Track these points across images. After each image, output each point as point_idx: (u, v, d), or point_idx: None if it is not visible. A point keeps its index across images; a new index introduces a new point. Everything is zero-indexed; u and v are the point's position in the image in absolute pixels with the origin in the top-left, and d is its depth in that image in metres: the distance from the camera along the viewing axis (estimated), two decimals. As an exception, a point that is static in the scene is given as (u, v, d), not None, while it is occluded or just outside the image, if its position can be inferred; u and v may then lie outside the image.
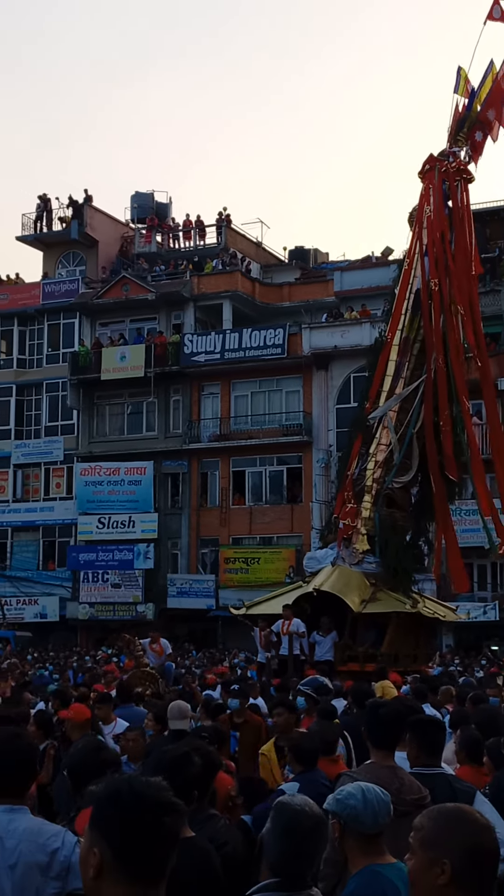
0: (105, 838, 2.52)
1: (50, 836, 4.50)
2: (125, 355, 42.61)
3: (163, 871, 2.55)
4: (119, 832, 2.50)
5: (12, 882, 4.31)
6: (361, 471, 19.43)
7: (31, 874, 4.37)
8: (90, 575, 42.46)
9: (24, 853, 4.38)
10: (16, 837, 4.40)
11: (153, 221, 48.07)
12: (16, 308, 46.61)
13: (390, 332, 20.16)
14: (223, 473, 41.32)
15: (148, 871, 2.52)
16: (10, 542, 45.65)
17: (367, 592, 17.84)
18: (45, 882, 4.39)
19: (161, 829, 2.51)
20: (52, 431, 45.46)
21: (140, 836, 2.50)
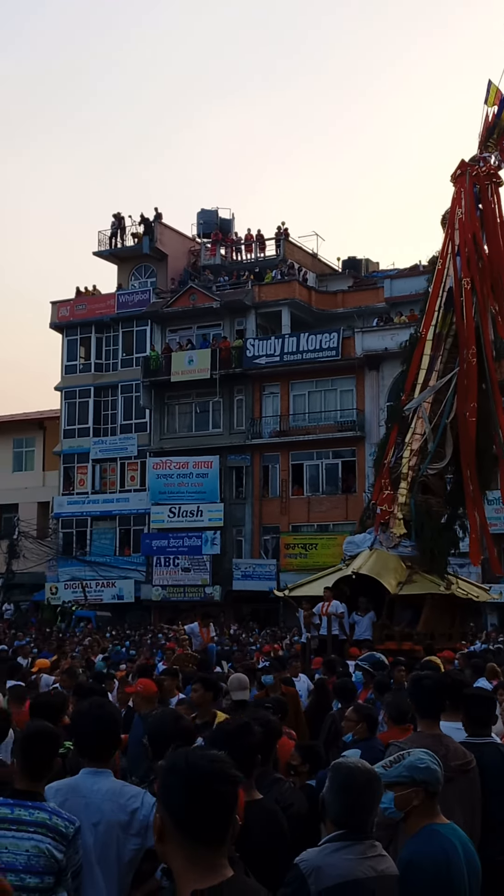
0: (165, 806, 2.60)
1: (130, 796, 4.59)
2: (193, 359, 43.11)
3: (220, 836, 2.58)
4: (176, 800, 2.56)
5: (95, 838, 4.39)
6: (398, 459, 19.17)
7: (113, 831, 4.46)
8: (162, 560, 42.95)
9: (106, 812, 4.47)
10: (99, 798, 4.51)
11: (217, 236, 48.59)
12: (93, 317, 47.21)
13: (424, 328, 19.81)
14: (283, 466, 41.69)
15: (205, 836, 2.55)
16: (89, 531, 46.15)
17: (403, 575, 17.54)
18: (126, 839, 4.47)
19: (215, 797, 2.54)
20: (126, 429, 45.88)
21: (195, 803, 2.53)
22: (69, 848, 4.21)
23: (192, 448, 43.51)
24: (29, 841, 4.13)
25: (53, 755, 4.56)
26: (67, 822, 4.26)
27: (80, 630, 34.59)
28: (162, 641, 28.60)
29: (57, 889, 4.18)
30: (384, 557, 17.95)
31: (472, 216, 19.44)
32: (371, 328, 40.90)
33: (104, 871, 4.43)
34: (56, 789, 4.59)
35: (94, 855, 4.40)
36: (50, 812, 4.27)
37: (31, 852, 4.11)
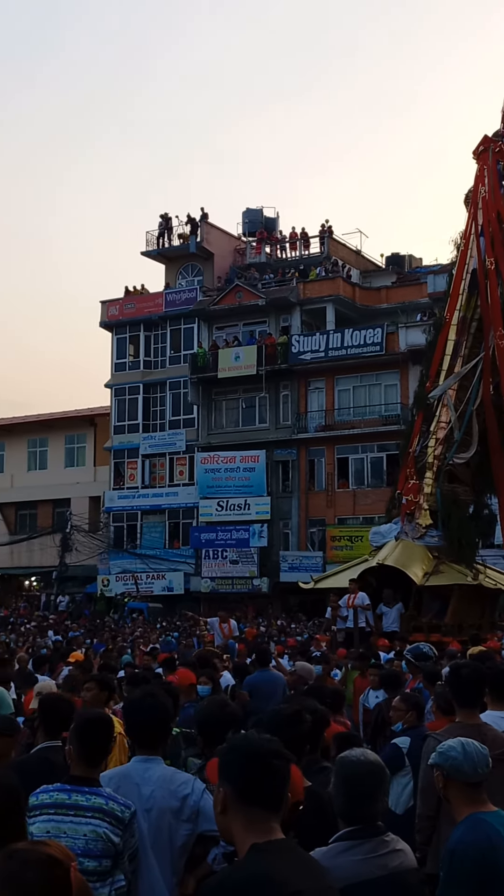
0: (228, 780, 2.90)
1: (181, 783, 4.64)
2: (239, 355, 43.19)
3: (275, 803, 2.88)
4: (237, 773, 2.88)
5: (148, 824, 4.45)
6: (423, 448, 18.60)
7: (165, 817, 4.52)
8: (211, 552, 43.07)
9: (158, 799, 4.53)
10: (151, 784, 4.57)
11: (262, 234, 48.61)
12: (141, 316, 47.39)
13: (448, 313, 19.11)
14: (328, 460, 41.61)
15: (260, 802, 2.84)
16: (139, 524, 46.39)
17: (429, 565, 17.16)
18: (178, 824, 4.52)
19: (270, 770, 2.86)
20: (175, 425, 45.98)
21: (253, 775, 2.85)
22: (125, 832, 4.25)
23: (239, 443, 43.60)
24: (87, 825, 4.18)
25: (108, 741, 4.62)
26: (123, 807, 4.30)
27: (130, 621, 34.95)
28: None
29: (114, 872, 4.22)
30: (410, 548, 17.58)
31: (496, 194, 18.71)
32: (415, 323, 40.42)
33: (158, 856, 4.48)
34: (109, 777, 4.64)
35: (148, 840, 4.45)
36: (106, 797, 4.31)
37: (88, 836, 4.16)
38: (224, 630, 19.53)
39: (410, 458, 18.69)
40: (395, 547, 17.67)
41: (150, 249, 49.17)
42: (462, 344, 18.69)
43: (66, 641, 24.01)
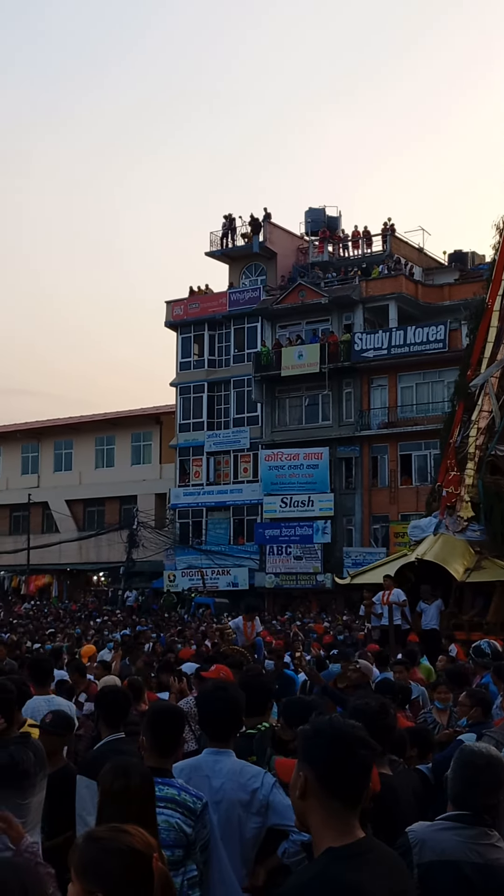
0: (310, 764, 2.74)
1: (251, 776, 4.59)
2: (302, 354, 43.03)
3: (356, 795, 2.73)
4: (320, 758, 2.72)
5: (218, 816, 4.41)
6: (464, 438, 17.80)
7: (235, 810, 4.47)
8: (275, 548, 43.02)
9: (227, 791, 4.49)
10: (221, 777, 4.54)
11: (325, 234, 48.49)
12: (206, 315, 47.55)
13: (490, 299, 18.28)
14: (391, 457, 41.31)
15: (343, 792, 2.70)
16: (205, 521, 46.60)
17: (471, 561, 16.35)
18: (248, 817, 4.48)
19: (354, 759, 2.71)
20: (239, 423, 46.14)
21: (337, 762, 2.69)
22: (198, 822, 4.27)
23: (303, 440, 43.44)
24: (160, 815, 4.12)
25: (180, 733, 4.65)
26: (195, 798, 4.31)
27: (199, 615, 35.12)
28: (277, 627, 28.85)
29: (186, 862, 4.23)
30: (451, 543, 16.79)
31: None
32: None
33: (228, 848, 4.47)
34: (181, 768, 4.64)
35: (217, 832, 4.44)
36: (178, 788, 4.33)
37: (161, 826, 4.12)
38: (247, 631, 18.68)
39: (451, 448, 17.91)
40: (435, 541, 16.94)
41: (214, 250, 49.33)
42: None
43: (135, 636, 24.16)
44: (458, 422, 18.38)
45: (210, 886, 4.37)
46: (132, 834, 2.52)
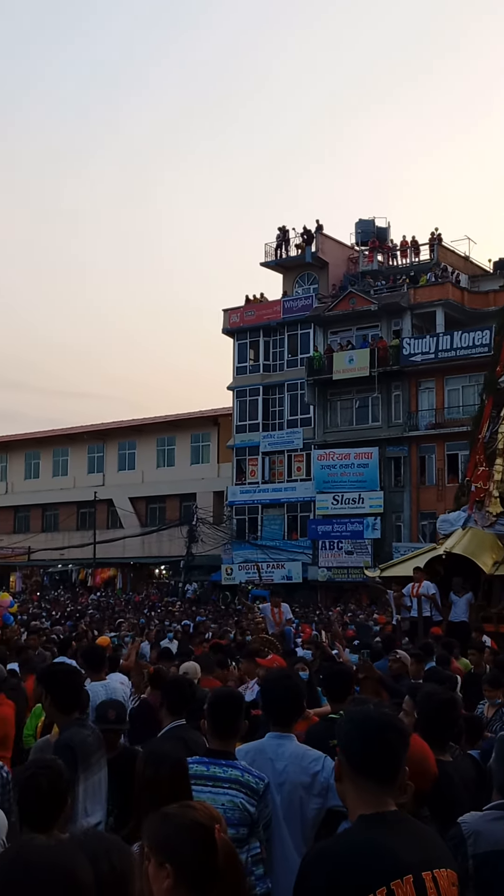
0: (343, 750, 2.80)
1: (312, 759, 4.60)
2: (353, 358, 42.95)
3: (387, 775, 2.73)
4: (353, 745, 2.76)
5: (281, 797, 4.44)
6: (493, 434, 17.42)
7: (297, 792, 4.48)
8: (327, 543, 43.00)
9: (290, 774, 4.50)
10: (284, 760, 4.55)
11: (374, 243, 48.28)
12: (261, 322, 47.52)
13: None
14: (439, 456, 41.02)
15: (373, 774, 2.71)
16: (260, 517, 46.55)
17: (499, 554, 15.98)
18: (309, 798, 4.49)
19: (382, 744, 2.71)
20: (292, 424, 46.05)
21: (364, 748, 2.72)
22: (260, 802, 4.28)
23: (353, 440, 43.35)
24: (224, 795, 4.21)
25: (240, 717, 4.62)
26: (258, 779, 4.32)
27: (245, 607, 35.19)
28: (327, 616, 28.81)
29: (250, 840, 4.24)
30: (480, 536, 16.40)
31: None
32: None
33: (290, 828, 4.48)
34: (245, 751, 4.65)
35: (280, 812, 4.46)
36: (242, 769, 4.34)
37: (226, 806, 4.17)
38: (275, 616, 18.19)
39: (480, 444, 17.52)
40: (464, 535, 16.55)
41: (268, 260, 49.34)
42: None
43: (194, 626, 24.28)
44: (486, 418, 18.04)
45: (273, 863, 4.38)
46: (198, 809, 2.61)
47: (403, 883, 2.53)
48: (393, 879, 2.52)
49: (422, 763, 3.18)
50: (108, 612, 34.51)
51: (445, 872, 2.64)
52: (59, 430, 60.63)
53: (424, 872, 2.58)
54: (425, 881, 2.57)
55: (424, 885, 2.56)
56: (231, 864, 2.61)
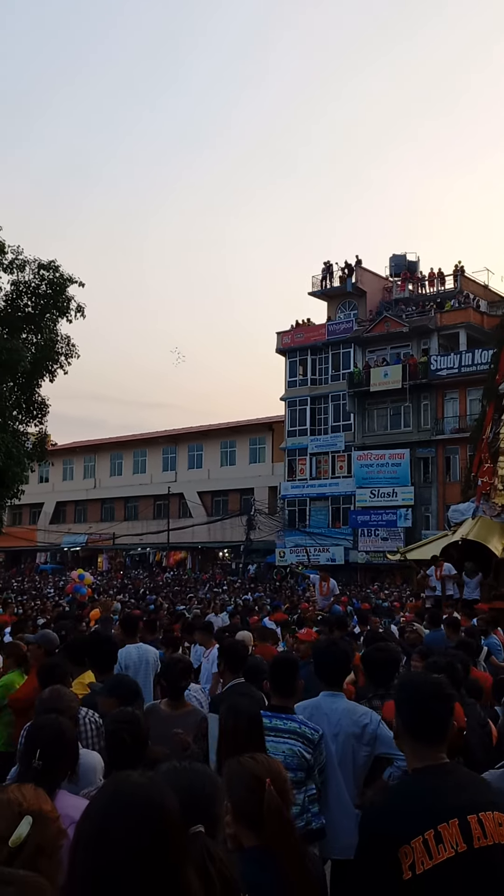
0: (399, 714, 2.81)
1: (362, 714, 4.59)
2: (387, 373, 42.77)
3: (436, 737, 2.69)
4: (404, 706, 2.77)
5: (336, 746, 4.46)
6: (495, 434, 17.33)
7: (349, 741, 4.50)
8: (365, 531, 42.92)
9: (343, 726, 4.50)
10: (337, 715, 4.55)
11: (406, 275, 48.03)
12: (308, 343, 47.38)
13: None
14: (462, 456, 39.78)
15: (423, 736, 2.68)
16: (308, 509, 46.48)
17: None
18: (359, 747, 4.50)
19: (430, 712, 2.69)
20: (335, 429, 45.84)
21: (416, 716, 2.71)
22: (315, 750, 4.28)
23: (388, 443, 43.19)
24: (284, 744, 4.22)
25: (297, 678, 4.60)
26: (313, 731, 4.33)
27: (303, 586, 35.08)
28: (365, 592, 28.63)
29: (307, 782, 4.25)
30: (488, 524, 16.21)
31: None
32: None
33: (343, 772, 4.49)
34: (304, 707, 4.65)
35: (335, 759, 4.46)
36: (299, 722, 4.35)
37: (286, 753, 4.19)
38: (322, 589, 17.99)
39: (484, 444, 17.37)
40: (475, 524, 16.34)
41: (315, 290, 49.15)
42: None
43: (253, 601, 24.30)
44: (489, 420, 17.78)
45: (328, 804, 4.38)
46: (259, 763, 2.68)
47: (449, 826, 2.47)
48: (440, 823, 2.47)
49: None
50: (180, 589, 34.70)
51: (492, 815, 2.55)
52: (138, 434, 61.03)
53: (470, 816, 2.51)
54: (471, 823, 2.50)
55: (470, 828, 2.49)
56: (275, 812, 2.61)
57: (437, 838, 2.45)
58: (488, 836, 2.50)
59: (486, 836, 2.49)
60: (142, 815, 1.60)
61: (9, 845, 1.99)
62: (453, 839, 2.46)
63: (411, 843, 2.44)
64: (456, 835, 2.47)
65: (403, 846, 2.44)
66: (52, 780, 2.93)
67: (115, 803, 1.63)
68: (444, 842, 2.45)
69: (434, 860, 2.43)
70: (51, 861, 2.03)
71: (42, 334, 24.44)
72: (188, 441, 57.18)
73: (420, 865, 2.42)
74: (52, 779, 2.94)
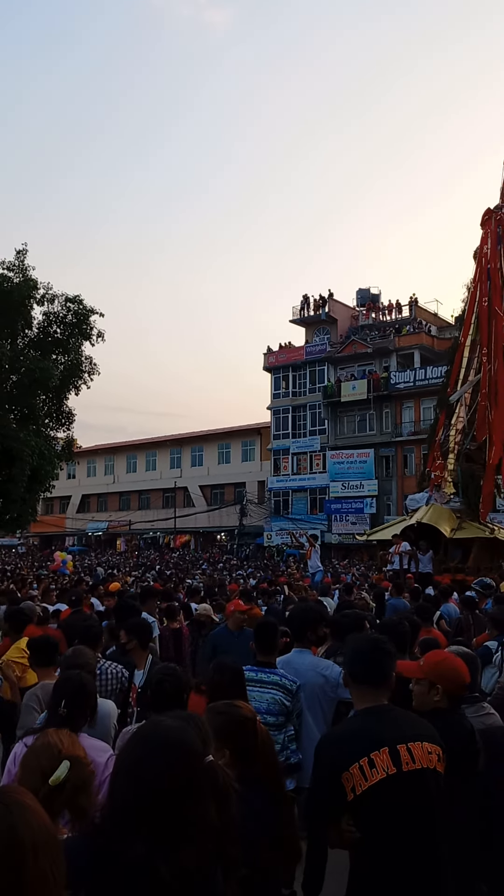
0: (346, 663, 2.85)
1: (325, 666, 4.55)
2: (355, 386, 42.78)
3: (379, 682, 2.66)
4: (349, 658, 2.79)
5: (304, 693, 4.38)
6: (446, 437, 17.37)
7: (315, 689, 4.44)
8: (337, 517, 42.83)
9: (309, 677, 4.45)
10: (304, 667, 4.51)
11: (370, 305, 47.96)
12: (290, 362, 47.24)
13: (463, 336, 17.58)
14: (417, 455, 39.99)
15: (365, 680, 2.68)
16: (291, 499, 46.35)
17: (455, 523, 15.79)
18: (323, 693, 4.45)
19: (370, 661, 2.68)
20: (313, 433, 45.73)
21: (357, 664, 2.71)
22: (293, 698, 4.26)
23: (356, 444, 43.14)
24: (268, 693, 4.20)
25: (277, 637, 4.55)
26: (292, 682, 4.30)
27: (284, 565, 35.10)
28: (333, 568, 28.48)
29: (286, 725, 4.23)
30: (439, 510, 16.22)
31: (493, 252, 16.92)
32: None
33: (313, 715, 4.46)
34: (280, 662, 4.60)
35: (305, 704, 4.42)
36: (280, 675, 4.32)
37: (269, 701, 4.18)
38: (310, 552, 17.82)
39: (436, 444, 17.56)
40: (428, 510, 16.35)
41: (295, 318, 49.05)
42: (473, 360, 17.22)
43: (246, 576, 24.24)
44: (441, 425, 17.98)
45: (302, 741, 4.35)
46: (241, 707, 2.63)
47: (381, 753, 2.49)
48: (372, 751, 2.49)
49: (451, 672, 3.06)
50: (184, 565, 34.64)
51: (421, 745, 2.55)
52: (150, 438, 60.85)
53: (399, 745, 2.52)
54: (400, 752, 2.51)
55: (399, 755, 2.50)
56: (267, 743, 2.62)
57: (371, 764, 2.47)
58: (416, 761, 2.51)
59: (414, 762, 2.51)
60: (174, 751, 1.61)
61: (49, 783, 2.03)
62: (384, 764, 2.47)
63: (350, 770, 2.47)
64: (386, 761, 2.49)
65: (344, 772, 2.47)
66: (75, 725, 2.93)
67: (152, 741, 1.64)
68: (376, 766, 2.47)
69: (369, 782, 2.45)
70: (88, 797, 2.09)
71: (69, 356, 24.36)
72: (191, 444, 56.98)
73: (359, 787, 2.45)
74: (75, 724, 2.93)
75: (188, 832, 1.57)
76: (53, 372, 22.92)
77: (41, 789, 2.00)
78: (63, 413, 25.04)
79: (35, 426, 23.76)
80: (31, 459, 22.04)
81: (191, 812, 1.58)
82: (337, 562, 35.95)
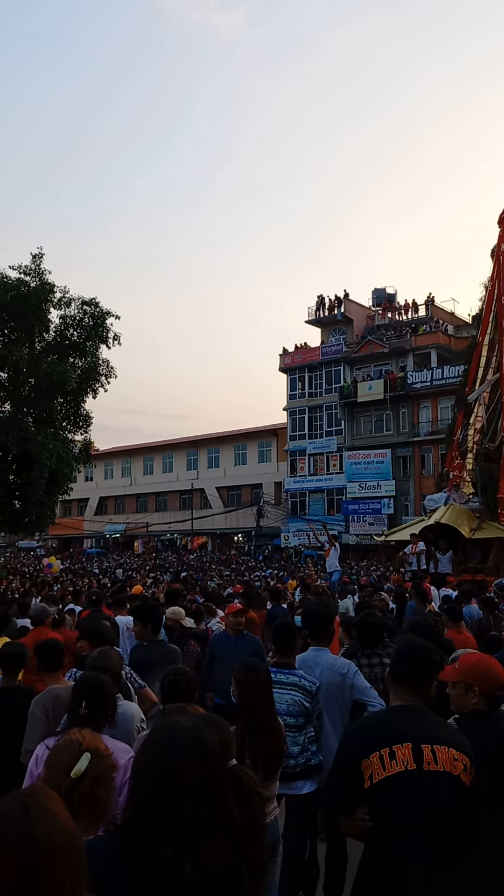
0: (391, 661, 2.81)
1: (341, 665, 4.56)
2: (371, 386, 42.59)
3: (409, 680, 2.65)
4: (394, 657, 2.78)
5: (322, 694, 4.34)
6: (464, 437, 17.25)
7: (332, 689, 4.44)
8: (355, 517, 42.75)
9: (326, 676, 4.44)
10: (321, 667, 4.51)
11: (386, 305, 47.76)
12: (306, 362, 47.23)
13: (480, 335, 17.58)
14: (434, 455, 39.89)
15: (399, 677, 2.68)
16: (307, 500, 46.33)
17: (474, 523, 15.70)
18: (340, 693, 4.45)
19: (409, 657, 2.68)
20: (329, 434, 45.62)
21: (398, 666, 2.70)
22: (313, 699, 4.25)
23: (373, 445, 42.96)
24: (288, 695, 4.19)
25: (296, 639, 4.54)
26: (311, 683, 4.28)
27: (303, 564, 35.05)
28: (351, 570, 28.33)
29: (307, 726, 4.22)
30: (458, 510, 16.19)
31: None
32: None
33: (329, 715, 4.44)
34: (297, 661, 4.57)
35: (322, 705, 4.40)
36: (300, 676, 4.31)
37: (289, 702, 4.17)
38: (329, 552, 17.70)
39: (455, 444, 17.47)
40: (447, 510, 16.38)
41: (311, 319, 48.92)
42: (492, 359, 17.22)
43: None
44: (459, 424, 17.93)
45: (321, 742, 4.32)
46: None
47: (403, 747, 2.50)
48: (395, 744, 2.50)
49: (488, 673, 3.04)
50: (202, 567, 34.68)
51: (447, 749, 2.52)
52: (166, 440, 61.01)
53: (424, 744, 2.51)
54: (423, 750, 2.50)
55: (422, 753, 2.50)
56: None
57: (391, 756, 2.49)
58: (439, 763, 2.49)
59: (436, 763, 2.49)
60: (193, 750, 1.63)
61: (71, 776, 2.05)
62: (405, 758, 2.48)
63: (370, 757, 2.49)
64: (408, 755, 2.49)
65: (364, 759, 2.49)
66: (97, 725, 2.93)
67: (169, 740, 1.65)
68: (396, 759, 2.49)
69: (387, 772, 2.47)
70: (107, 788, 2.10)
71: (86, 359, 24.50)
72: (207, 445, 57.02)
73: (377, 775, 2.47)
74: (97, 724, 2.94)
75: (211, 831, 1.58)
76: (71, 375, 23.07)
77: (63, 784, 2.02)
78: (80, 416, 25.19)
79: (53, 429, 23.93)
80: (50, 462, 22.21)
81: (213, 811, 1.59)
82: (355, 563, 35.77)
